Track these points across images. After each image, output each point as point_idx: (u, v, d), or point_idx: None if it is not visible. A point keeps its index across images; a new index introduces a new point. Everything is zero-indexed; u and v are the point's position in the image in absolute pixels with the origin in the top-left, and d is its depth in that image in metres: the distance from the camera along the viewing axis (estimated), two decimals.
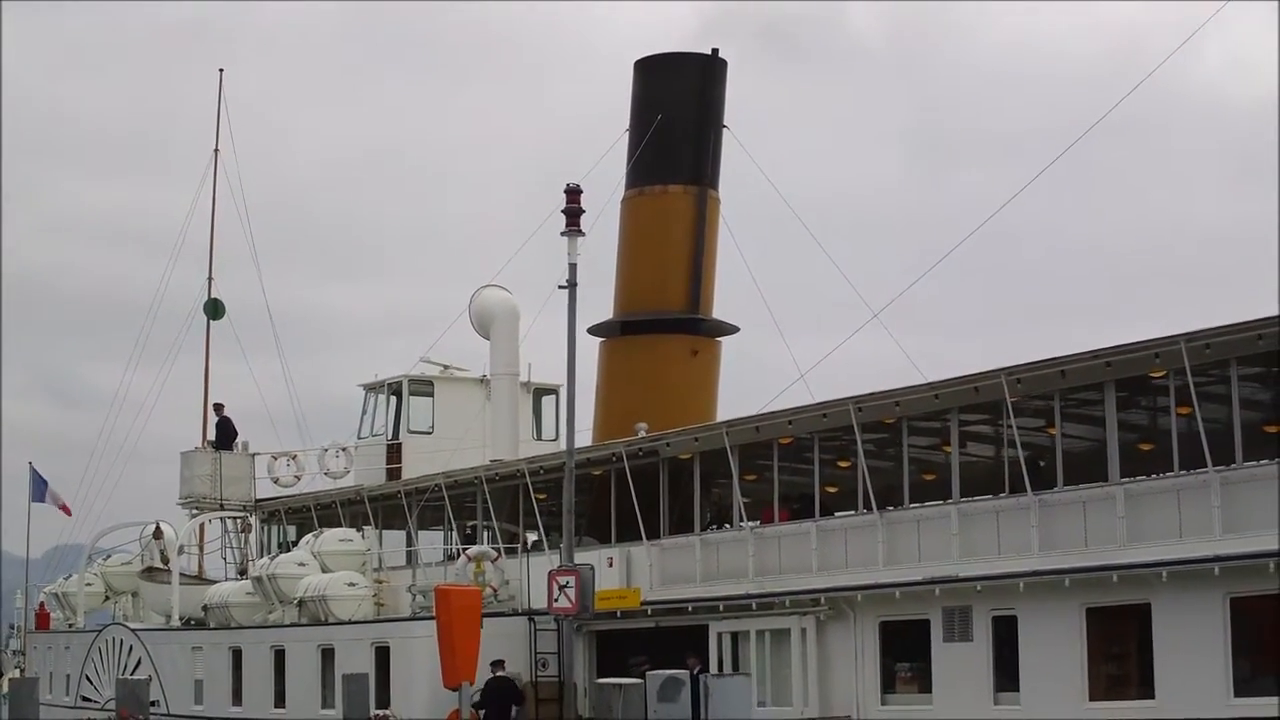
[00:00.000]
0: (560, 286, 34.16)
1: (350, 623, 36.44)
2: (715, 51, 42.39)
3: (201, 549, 52.07)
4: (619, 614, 33.58)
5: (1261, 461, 24.51)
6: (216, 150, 57.34)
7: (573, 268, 33.98)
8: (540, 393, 46.34)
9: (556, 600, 32.47)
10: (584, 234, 34.27)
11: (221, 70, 58.44)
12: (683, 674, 27.56)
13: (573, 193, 34.06)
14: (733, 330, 42.70)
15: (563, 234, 33.96)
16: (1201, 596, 24.53)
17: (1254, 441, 25.22)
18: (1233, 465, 24.66)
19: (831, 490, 32.62)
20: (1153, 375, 26.07)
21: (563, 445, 42.44)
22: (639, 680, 27.70)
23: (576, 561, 33.17)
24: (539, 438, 45.99)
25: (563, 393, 46.94)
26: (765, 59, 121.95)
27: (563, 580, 32.38)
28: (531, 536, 39.17)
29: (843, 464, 31.91)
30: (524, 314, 43.57)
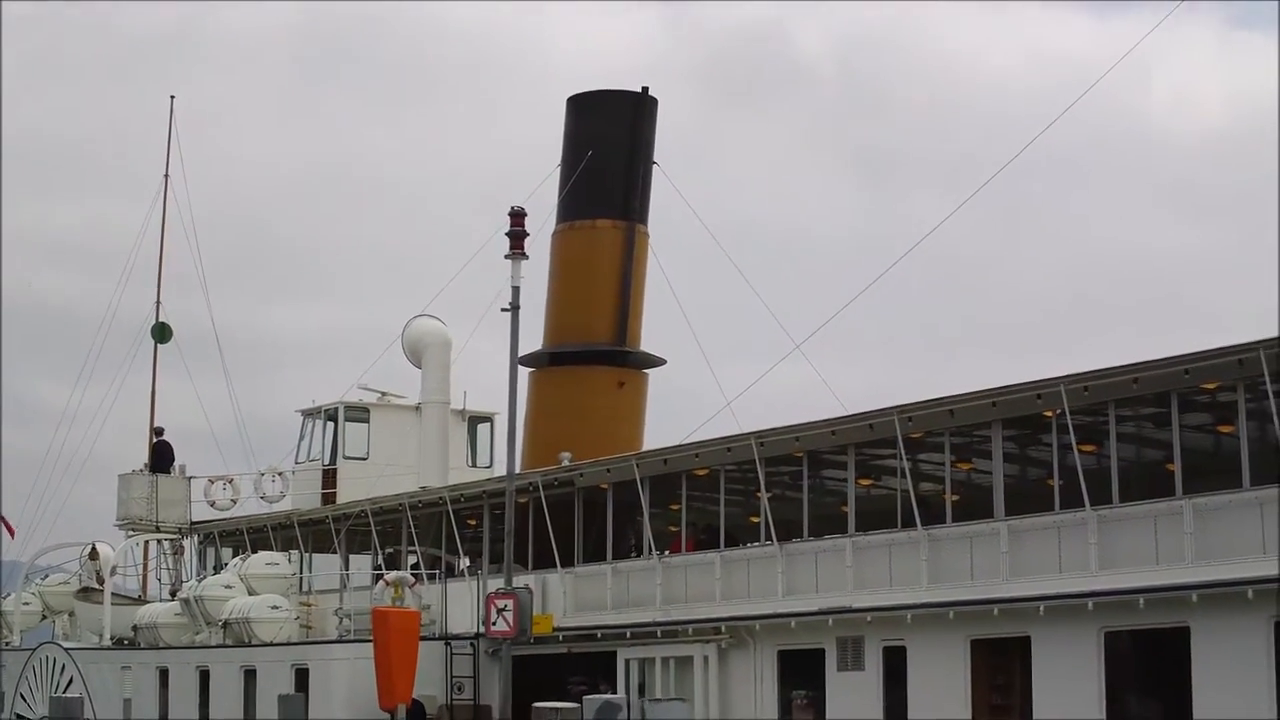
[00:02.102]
0: (503, 309, 34.68)
1: (271, 645, 37.13)
2: (646, 90, 43.33)
3: (145, 570, 52.76)
4: (532, 639, 34.32)
5: (1138, 501, 25.39)
6: (166, 176, 58.07)
7: (515, 290, 34.50)
8: (475, 420, 47.24)
9: (495, 623, 33.05)
10: (527, 257, 34.90)
11: (173, 97, 59.17)
12: (619, 699, 28.14)
13: (517, 216, 34.57)
14: (660, 362, 43.54)
15: (506, 257, 34.49)
16: (1077, 630, 25.45)
17: (1131, 481, 26.10)
18: (1110, 504, 25.56)
19: (737, 522, 33.45)
20: (1038, 415, 26.93)
21: (497, 472, 43.62)
22: (575, 705, 28.27)
23: (491, 588, 33.94)
24: (474, 464, 46.85)
25: (498, 420, 48.28)
26: (712, 89, 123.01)
27: (501, 604, 32.98)
28: (465, 562, 39.93)
29: (746, 497, 32.73)
30: (462, 337, 44.44)
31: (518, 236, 34.57)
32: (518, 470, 40.26)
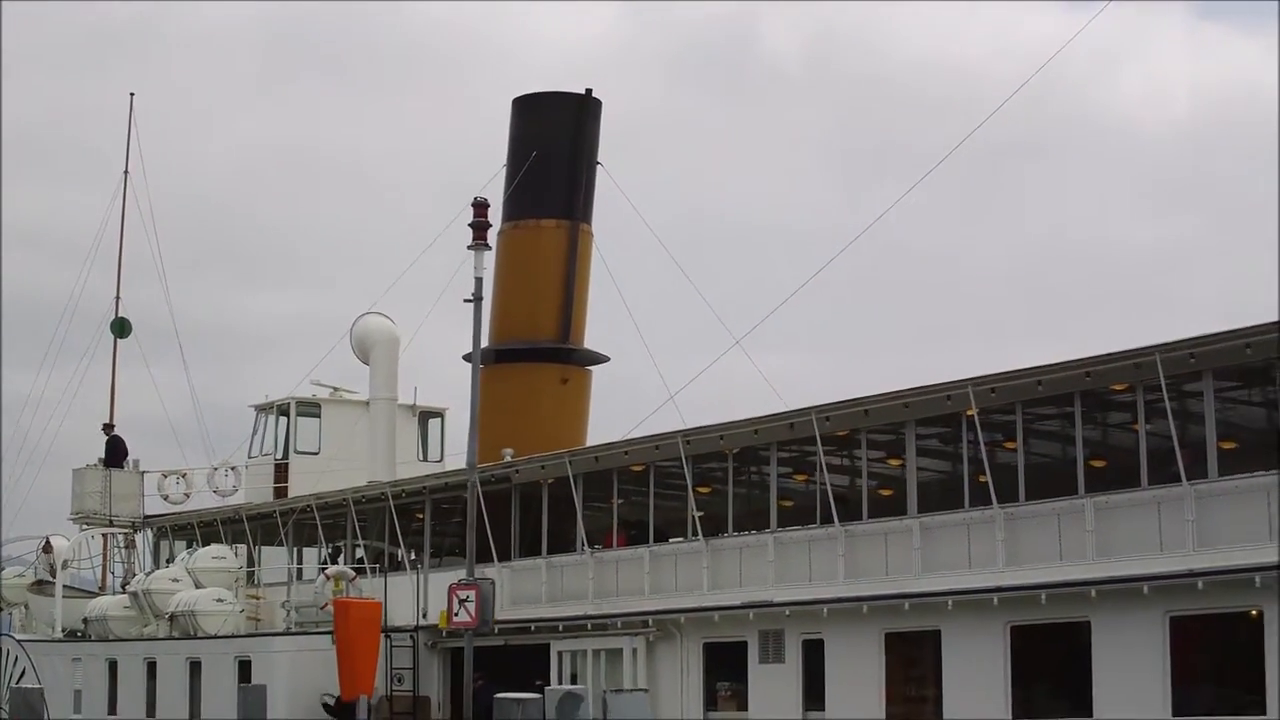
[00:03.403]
0: (465, 300, 34.78)
1: (215, 637, 37.86)
2: (589, 91, 43.95)
3: (105, 563, 53.38)
4: (495, 629, 34.99)
5: (1043, 500, 26.20)
6: (126, 172, 58.56)
7: (478, 282, 34.17)
8: (426, 415, 47.93)
9: (456, 614, 33.44)
10: (489, 247, 34.93)
11: (133, 94, 59.61)
12: (580, 689, 28.32)
13: (480, 206, 34.38)
14: (603, 359, 44.22)
15: (470, 247, 34.57)
16: (984, 624, 26.29)
17: (1038, 480, 26.91)
18: (1017, 502, 26.39)
19: (668, 517, 34.20)
20: (949, 416, 27.72)
21: (448, 466, 44.28)
22: (537, 695, 28.54)
23: (433, 584, 34.65)
24: (424, 458, 47.55)
25: (448, 415, 49.03)
26: (678, 81, 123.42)
27: (463, 594, 33.32)
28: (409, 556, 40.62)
29: (675, 493, 33.48)
30: (420, 329, 45.06)
31: (480, 227, 34.23)
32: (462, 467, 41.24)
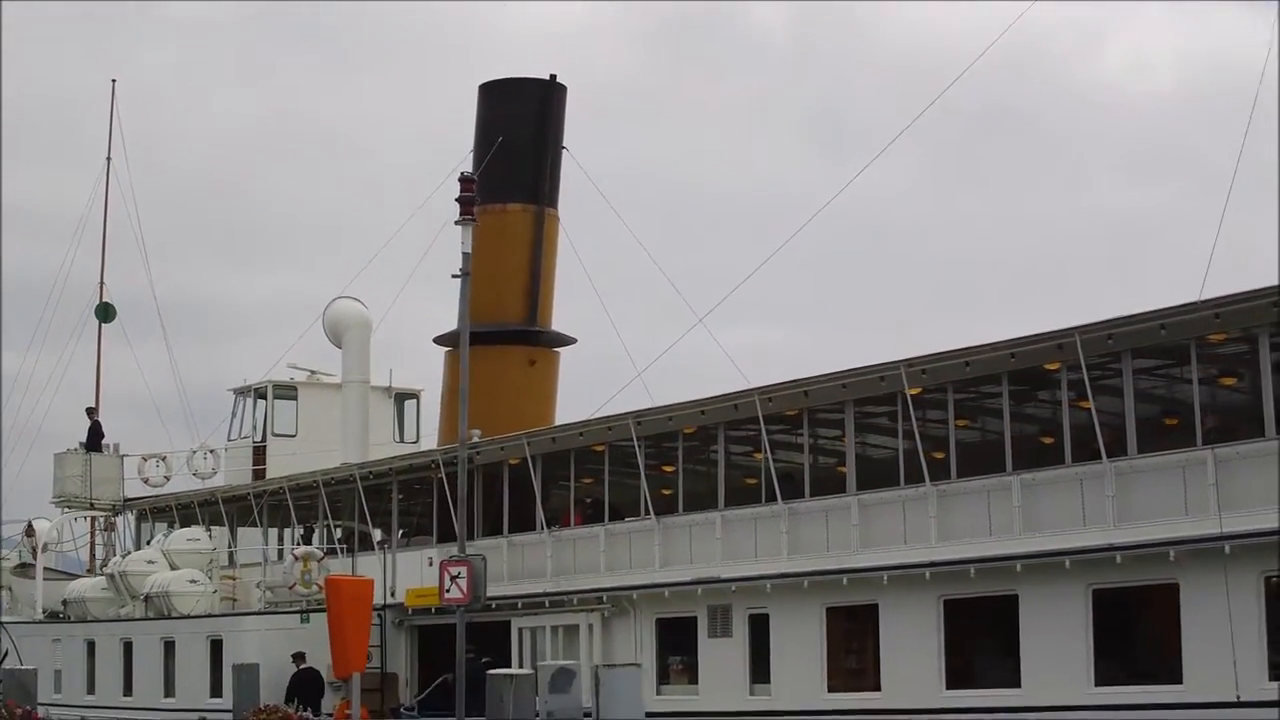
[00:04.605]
0: (454, 275, 35.10)
1: (187, 617, 38.79)
2: (554, 77, 44.72)
3: (92, 545, 54.37)
4: (434, 610, 35.93)
5: (973, 477, 27.06)
6: (109, 159, 59.41)
7: (466, 256, 33.65)
8: (402, 397, 48.85)
9: (448, 591, 33.91)
10: (475, 221, 34.95)
11: (114, 81, 60.38)
12: (573, 664, 28.65)
13: (466, 181, 34.14)
14: (570, 341, 45.05)
15: (457, 223, 34.88)
16: (919, 598, 27.18)
17: (969, 458, 27.77)
18: (948, 480, 27.26)
19: (623, 497, 35.06)
20: (883, 396, 28.54)
21: (423, 446, 45.17)
22: (529, 671, 29.00)
23: (400, 563, 35.50)
24: (401, 439, 48.43)
25: (424, 397, 49.89)
26: (665, 54, 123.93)
27: (454, 570, 33.76)
28: (377, 535, 41.53)
29: (630, 473, 34.32)
30: (405, 305, 45.74)
31: (467, 202, 33.66)
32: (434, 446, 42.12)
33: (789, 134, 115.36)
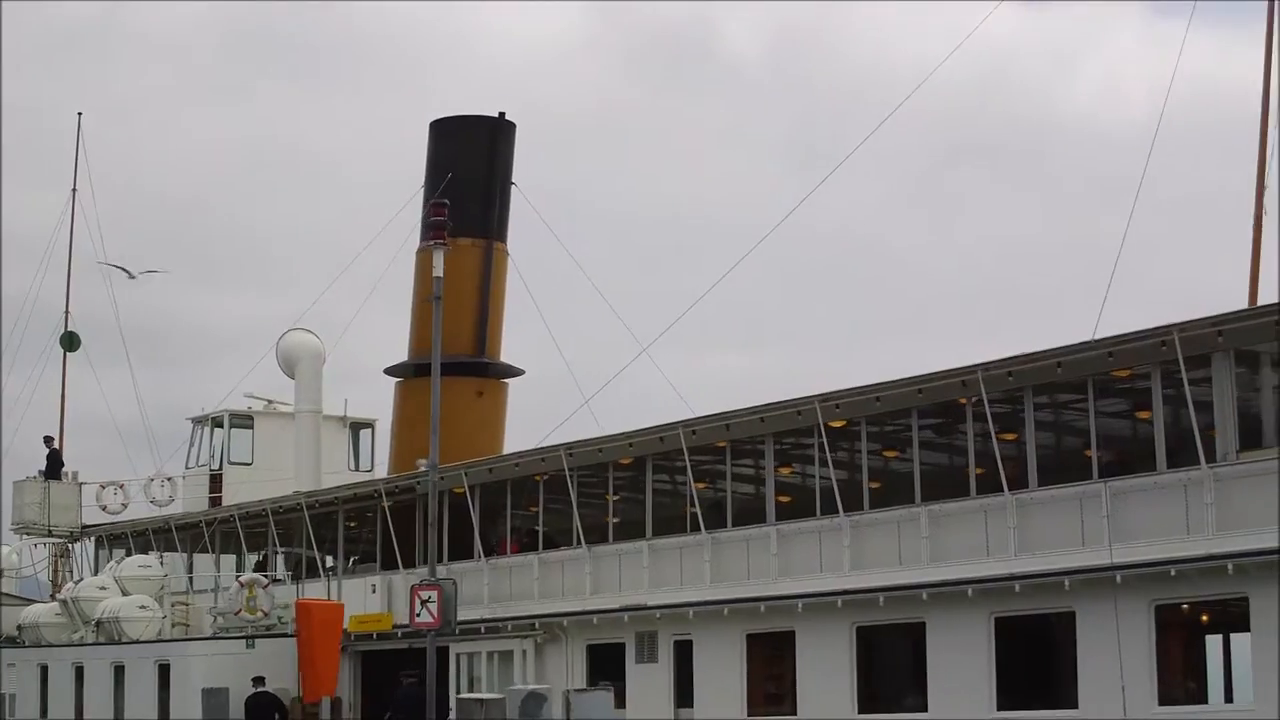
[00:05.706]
0: (426, 299, 35.46)
1: (136, 642, 39.63)
2: (503, 114, 45.78)
3: (57, 573, 55.12)
4: (375, 636, 36.84)
5: (884, 508, 28.06)
6: (74, 190, 60.04)
7: (438, 280, 33.13)
8: (357, 426, 49.76)
9: (419, 615, 34.28)
10: (448, 246, 35.30)
11: (80, 114, 61.02)
12: (544, 689, 29.28)
13: (438, 205, 34.11)
14: (518, 373, 46.01)
15: (426, 247, 34.99)
16: (832, 625, 28.16)
17: (882, 489, 28.80)
18: (861, 510, 28.25)
19: (556, 526, 35.98)
20: (800, 429, 29.49)
21: (376, 475, 46.06)
22: (500, 696, 29.47)
23: (346, 590, 36.39)
24: (355, 468, 49.33)
25: (378, 426, 50.78)
26: (639, 77, 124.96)
27: (425, 595, 34.18)
28: (329, 562, 42.41)
29: (563, 503, 35.25)
30: (359, 331, 46.49)
31: (438, 227, 33.36)
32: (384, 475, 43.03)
33: (762, 157, 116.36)
